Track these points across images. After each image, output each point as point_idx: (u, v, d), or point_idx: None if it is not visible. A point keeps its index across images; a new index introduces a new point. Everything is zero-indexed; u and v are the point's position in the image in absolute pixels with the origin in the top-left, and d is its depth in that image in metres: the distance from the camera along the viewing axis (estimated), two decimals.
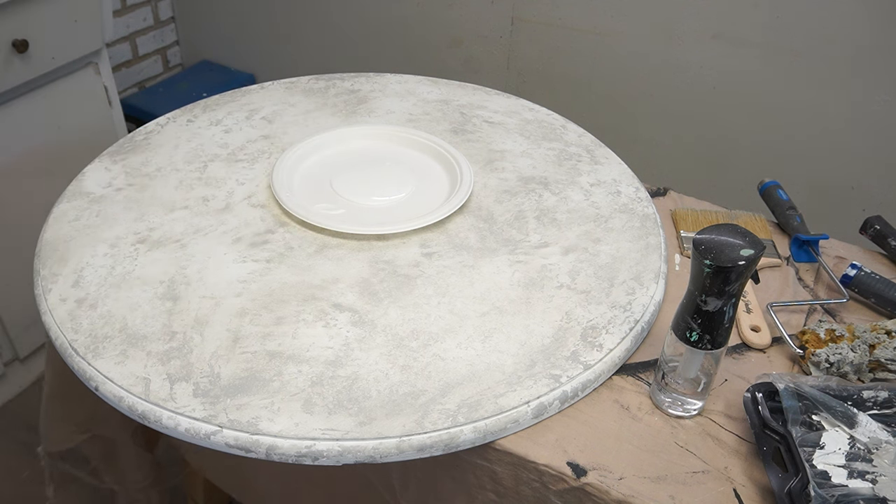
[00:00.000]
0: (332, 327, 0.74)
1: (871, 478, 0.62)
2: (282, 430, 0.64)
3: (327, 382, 0.69)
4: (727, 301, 0.62)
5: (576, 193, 0.95)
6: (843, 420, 0.66)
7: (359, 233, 0.85)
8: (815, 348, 0.75)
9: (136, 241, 0.84)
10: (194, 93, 2.10)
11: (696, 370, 0.67)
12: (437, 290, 0.79)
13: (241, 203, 0.91)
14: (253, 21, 2.11)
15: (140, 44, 2.14)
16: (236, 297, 0.77)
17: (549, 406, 0.69)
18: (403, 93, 1.16)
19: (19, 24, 1.31)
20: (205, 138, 1.03)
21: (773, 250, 0.91)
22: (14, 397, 1.61)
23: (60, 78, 1.46)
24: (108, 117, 1.59)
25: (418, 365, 0.71)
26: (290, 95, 1.15)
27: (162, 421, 0.66)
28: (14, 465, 1.48)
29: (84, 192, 0.92)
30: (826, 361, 0.73)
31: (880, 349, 0.74)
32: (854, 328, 0.76)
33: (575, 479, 0.65)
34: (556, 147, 1.04)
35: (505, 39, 1.77)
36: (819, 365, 0.74)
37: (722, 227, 0.62)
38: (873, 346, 0.74)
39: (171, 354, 0.71)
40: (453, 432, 0.65)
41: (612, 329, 0.76)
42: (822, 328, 0.77)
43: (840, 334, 0.75)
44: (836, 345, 0.74)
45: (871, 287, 0.83)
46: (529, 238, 0.87)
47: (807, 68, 1.44)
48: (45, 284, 0.79)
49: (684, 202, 1.00)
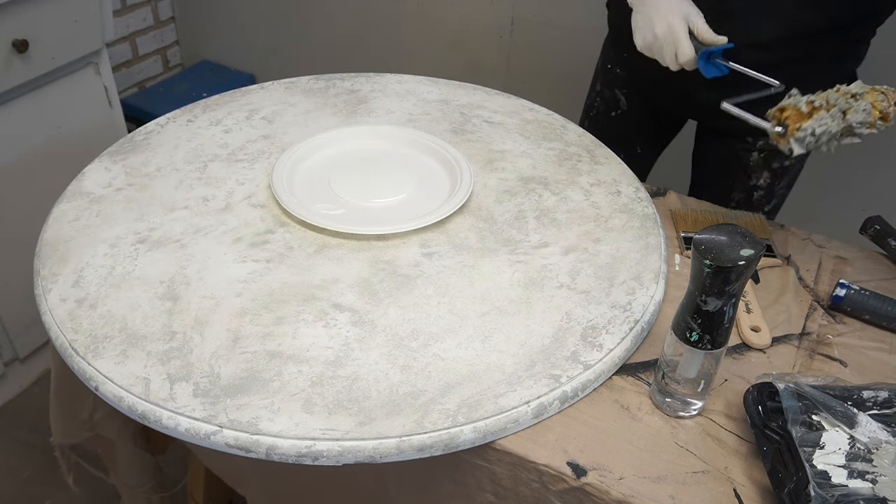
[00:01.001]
0: (332, 327, 0.74)
1: (871, 478, 0.62)
2: (282, 430, 0.64)
3: (327, 382, 0.69)
4: (727, 301, 0.62)
5: (576, 193, 0.95)
6: (843, 420, 0.66)
7: (359, 233, 0.85)
8: (798, 123, 0.73)
9: (136, 241, 0.85)
10: (194, 93, 2.10)
11: (696, 370, 0.67)
12: (437, 290, 0.79)
13: (241, 203, 0.91)
14: (253, 21, 2.11)
15: (140, 44, 2.14)
16: (236, 297, 0.77)
17: (549, 406, 0.69)
18: (403, 93, 1.16)
19: (19, 24, 1.31)
20: (205, 138, 1.03)
21: (773, 250, 0.91)
22: (14, 397, 1.61)
23: (60, 78, 1.46)
24: (108, 117, 1.59)
25: (418, 365, 0.71)
26: (290, 95, 1.15)
27: (162, 421, 0.66)
28: (14, 464, 1.48)
29: (84, 192, 0.92)
30: (812, 135, 0.72)
31: (851, 114, 0.73)
32: (827, 96, 0.75)
33: (575, 479, 0.65)
34: (556, 147, 1.04)
35: (505, 39, 1.77)
36: (804, 140, 0.72)
37: (722, 227, 0.62)
38: (845, 111, 0.74)
39: (171, 354, 0.71)
40: (453, 432, 0.65)
41: (612, 329, 0.76)
42: (802, 101, 0.75)
43: (819, 105, 0.74)
44: (818, 116, 0.73)
45: (863, 305, 0.81)
46: (529, 238, 0.87)
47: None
48: (45, 284, 0.79)
49: (684, 202, 1.00)
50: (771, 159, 1.07)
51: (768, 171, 1.06)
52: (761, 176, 1.08)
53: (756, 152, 1.06)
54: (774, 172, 1.07)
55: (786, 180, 1.10)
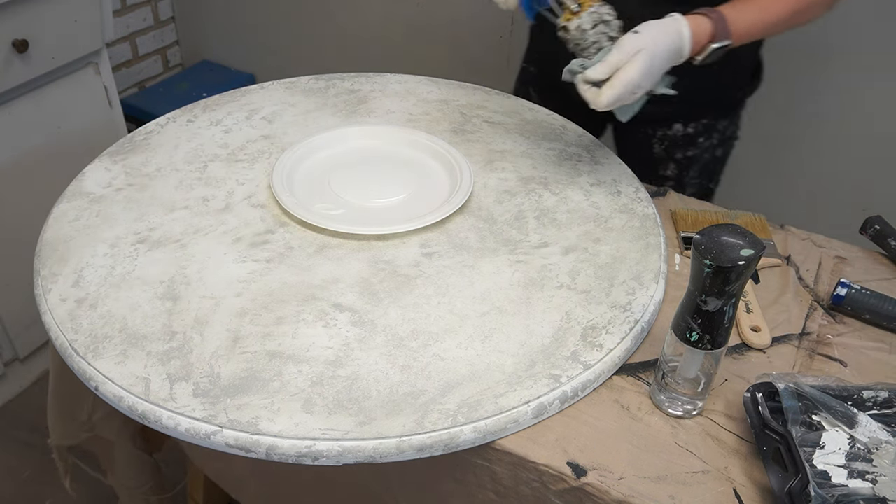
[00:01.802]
0: (332, 327, 0.74)
1: (871, 478, 0.62)
2: (282, 430, 0.64)
3: (327, 382, 0.69)
4: (727, 301, 0.62)
5: (576, 193, 0.95)
6: (843, 420, 0.66)
7: (359, 233, 0.85)
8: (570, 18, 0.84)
9: (136, 241, 0.84)
10: (194, 93, 2.10)
11: (696, 370, 0.67)
12: (437, 290, 0.79)
13: (241, 203, 0.91)
14: (253, 21, 2.11)
15: (140, 44, 2.14)
16: (236, 297, 0.77)
17: (549, 406, 0.69)
18: (403, 93, 1.16)
19: (19, 24, 1.31)
20: (205, 138, 1.03)
21: (773, 250, 0.91)
22: (14, 397, 1.61)
23: (60, 78, 1.46)
24: (108, 117, 1.59)
25: (418, 365, 0.71)
26: (290, 95, 1.15)
27: (162, 421, 0.66)
28: (14, 464, 1.48)
29: (84, 192, 0.92)
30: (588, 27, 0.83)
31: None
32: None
33: (575, 479, 0.65)
34: (556, 147, 1.04)
35: (505, 39, 1.77)
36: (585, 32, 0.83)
37: (722, 227, 0.62)
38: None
39: (171, 354, 0.71)
40: (453, 432, 0.65)
41: (612, 329, 0.76)
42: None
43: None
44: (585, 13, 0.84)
45: (864, 304, 0.81)
46: (529, 238, 0.87)
47: (806, 67, 1.44)
48: (45, 284, 0.79)
49: (684, 202, 1.00)
50: (673, 150, 1.07)
51: (673, 161, 1.06)
52: (668, 167, 1.09)
53: (657, 143, 1.07)
54: (679, 163, 1.07)
55: (695, 169, 1.09)
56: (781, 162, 1.56)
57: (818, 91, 1.46)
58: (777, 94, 1.49)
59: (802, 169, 1.55)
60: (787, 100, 1.49)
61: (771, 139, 1.55)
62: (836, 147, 1.49)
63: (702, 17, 0.82)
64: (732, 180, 1.62)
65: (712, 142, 1.08)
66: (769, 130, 1.54)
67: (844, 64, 1.42)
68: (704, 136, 1.07)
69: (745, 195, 1.62)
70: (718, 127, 1.08)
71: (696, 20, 0.81)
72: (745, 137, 1.58)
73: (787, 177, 1.58)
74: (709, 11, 0.82)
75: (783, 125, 1.53)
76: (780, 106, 1.50)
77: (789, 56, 1.44)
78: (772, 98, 1.50)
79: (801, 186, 1.57)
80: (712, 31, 0.82)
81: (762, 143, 1.55)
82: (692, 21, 0.81)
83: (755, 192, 1.61)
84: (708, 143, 1.08)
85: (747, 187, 1.62)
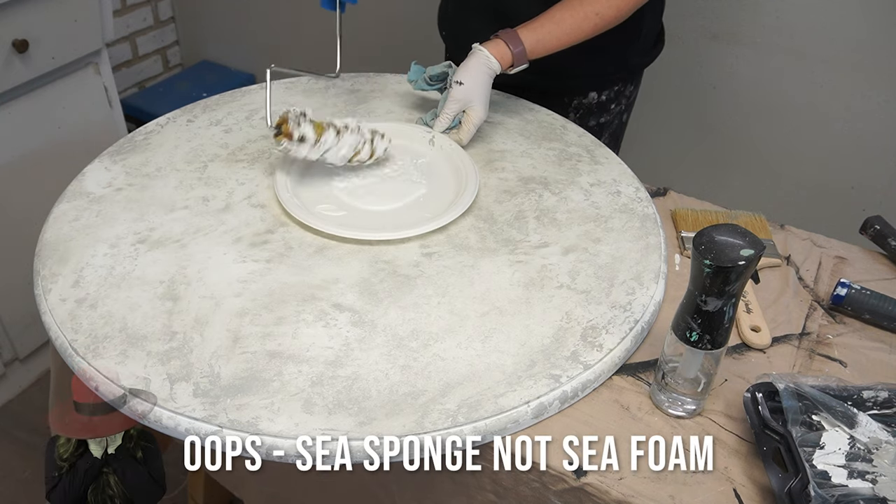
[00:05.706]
0: (332, 327, 0.74)
1: (871, 478, 0.62)
2: (282, 430, 0.64)
3: (327, 382, 0.69)
4: (727, 301, 0.62)
5: (576, 193, 0.95)
6: (843, 420, 0.66)
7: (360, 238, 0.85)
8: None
9: (136, 241, 0.84)
10: (194, 93, 2.10)
11: (696, 370, 0.67)
12: (437, 290, 0.79)
13: (241, 203, 0.91)
14: (253, 21, 2.11)
15: (140, 44, 2.14)
16: (236, 297, 0.77)
17: (549, 406, 0.69)
18: (403, 93, 1.16)
19: (19, 24, 1.31)
20: (205, 138, 1.03)
21: (773, 250, 0.91)
22: (14, 397, 1.61)
23: (60, 78, 1.46)
24: (108, 117, 1.59)
25: (418, 365, 0.71)
26: (290, 95, 1.15)
27: (162, 421, 0.66)
28: (14, 464, 1.48)
29: (84, 192, 0.92)
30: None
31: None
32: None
33: (575, 479, 0.65)
34: (556, 147, 1.04)
35: None
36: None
37: (722, 227, 0.62)
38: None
39: (171, 354, 0.71)
40: (453, 432, 0.65)
41: (612, 329, 0.76)
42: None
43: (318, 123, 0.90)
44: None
45: (864, 304, 0.81)
46: (529, 238, 0.87)
47: (807, 68, 1.44)
48: (45, 284, 0.79)
49: (684, 202, 1.00)
50: (587, 118, 1.17)
51: (587, 129, 1.10)
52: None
53: (573, 112, 1.15)
54: (593, 130, 1.14)
55: (606, 137, 1.19)
56: (782, 162, 1.56)
57: (818, 91, 1.46)
58: (775, 95, 1.49)
59: (803, 169, 1.55)
60: (785, 100, 1.49)
61: (770, 139, 1.55)
62: (837, 147, 1.49)
63: (503, 45, 0.97)
64: (732, 180, 1.62)
65: (620, 107, 1.20)
66: (769, 130, 1.54)
67: (845, 66, 1.42)
68: (615, 103, 1.18)
69: (746, 195, 1.62)
70: (626, 92, 1.19)
71: (498, 49, 0.97)
72: (744, 137, 1.58)
73: (787, 177, 1.58)
74: (508, 40, 0.96)
75: (783, 125, 1.53)
76: (779, 106, 1.50)
77: (789, 55, 1.44)
78: (771, 98, 1.50)
79: (801, 186, 1.57)
80: (511, 60, 0.97)
81: (762, 143, 1.55)
82: (495, 51, 0.97)
83: (755, 191, 1.61)
84: (617, 108, 1.19)
85: (748, 187, 1.62)
